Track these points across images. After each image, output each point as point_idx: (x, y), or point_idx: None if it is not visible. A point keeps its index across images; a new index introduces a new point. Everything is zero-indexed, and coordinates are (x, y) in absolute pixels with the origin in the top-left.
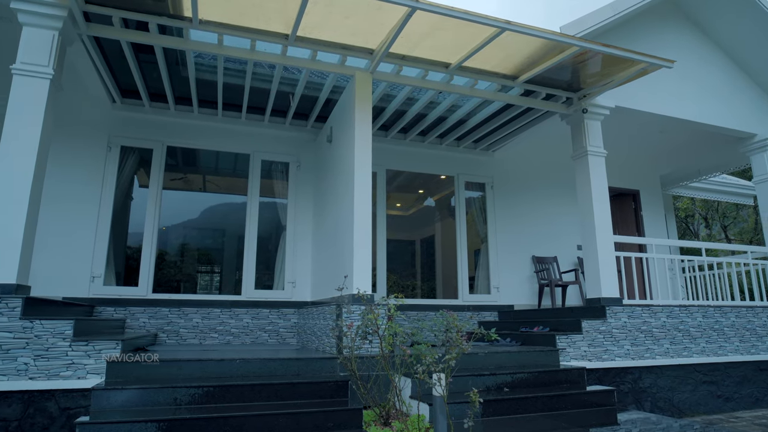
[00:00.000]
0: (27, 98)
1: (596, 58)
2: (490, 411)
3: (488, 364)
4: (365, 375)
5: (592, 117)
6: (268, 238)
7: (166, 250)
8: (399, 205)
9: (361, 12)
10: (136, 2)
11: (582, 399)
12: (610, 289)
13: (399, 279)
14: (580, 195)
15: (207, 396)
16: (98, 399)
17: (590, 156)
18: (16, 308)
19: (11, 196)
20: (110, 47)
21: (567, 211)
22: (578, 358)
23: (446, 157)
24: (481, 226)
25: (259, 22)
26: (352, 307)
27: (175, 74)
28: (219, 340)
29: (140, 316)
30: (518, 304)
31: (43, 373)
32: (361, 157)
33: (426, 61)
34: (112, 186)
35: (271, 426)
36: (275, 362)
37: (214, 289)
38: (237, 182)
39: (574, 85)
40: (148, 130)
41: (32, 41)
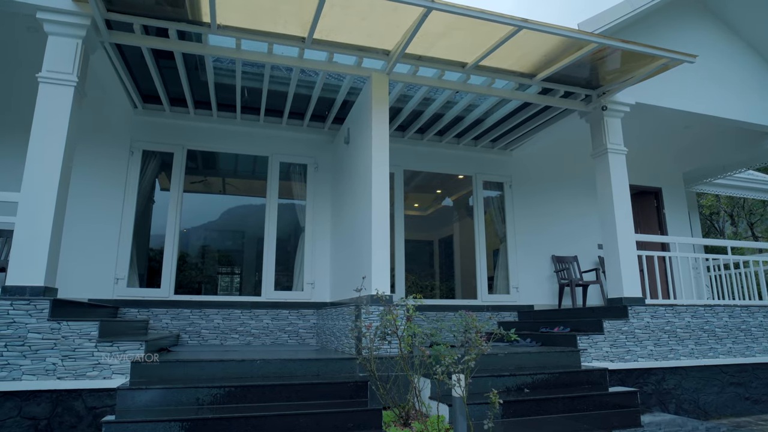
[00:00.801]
0: (52, 105)
1: (615, 54)
2: (510, 412)
3: (508, 365)
4: (384, 376)
5: (611, 114)
6: (287, 240)
7: (187, 252)
8: (417, 205)
9: (377, 13)
10: (156, 9)
11: (604, 400)
12: (632, 288)
13: (417, 279)
14: (601, 193)
15: (228, 396)
16: (123, 398)
17: (610, 154)
18: (44, 310)
19: (38, 201)
20: (131, 54)
21: (587, 210)
22: (600, 359)
23: (464, 156)
24: (500, 225)
25: (276, 25)
26: (370, 308)
27: (195, 79)
28: (240, 341)
29: (163, 317)
30: (538, 304)
31: (71, 373)
32: (379, 158)
33: (442, 61)
34: (134, 190)
35: (291, 426)
36: (295, 363)
37: (234, 291)
38: (256, 184)
39: (592, 82)
40: (169, 134)
41: (57, 50)
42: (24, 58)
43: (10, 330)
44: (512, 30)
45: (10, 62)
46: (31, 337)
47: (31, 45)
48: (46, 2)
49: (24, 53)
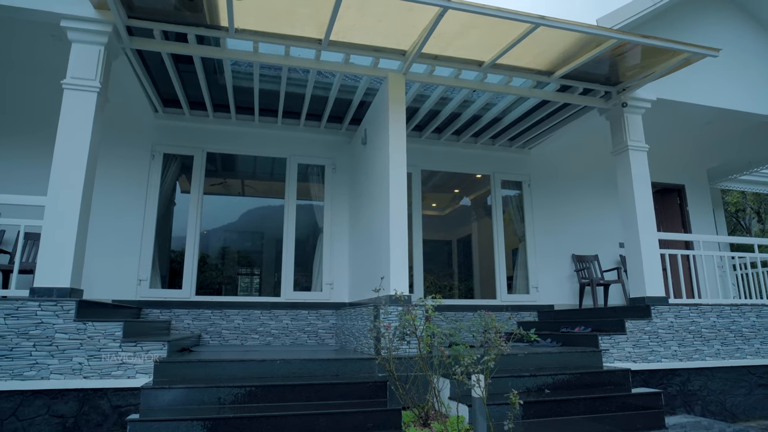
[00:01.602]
0: (77, 111)
1: (635, 50)
2: (530, 413)
3: (528, 365)
4: (403, 376)
5: (632, 111)
6: (306, 240)
7: (208, 253)
8: (435, 205)
9: (392, 14)
10: (175, 15)
11: (627, 401)
12: (654, 287)
13: (436, 279)
14: (622, 191)
15: (249, 396)
16: (147, 398)
17: (631, 151)
18: (71, 311)
19: (64, 204)
20: (152, 59)
21: (608, 208)
22: (622, 360)
23: (481, 155)
24: (519, 224)
25: (293, 28)
26: (389, 308)
27: (213, 82)
28: (260, 341)
29: (184, 318)
30: (558, 304)
31: (96, 373)
32: (396, 158)
33: (459, 60)
34: (155, 192)
35: (311, 426)
36: (314, 363)
37: (254, 291)
38: (274, 186)
39: (612, 78)
40: (189, 137)
41: (80, 57)
42: (47, 66)
43: (39, 330)
44: (529, 27)
45: (33, 69)
46: (59, 338)
47: (54, 53)
48: (70, 10)
49: (46, 61)
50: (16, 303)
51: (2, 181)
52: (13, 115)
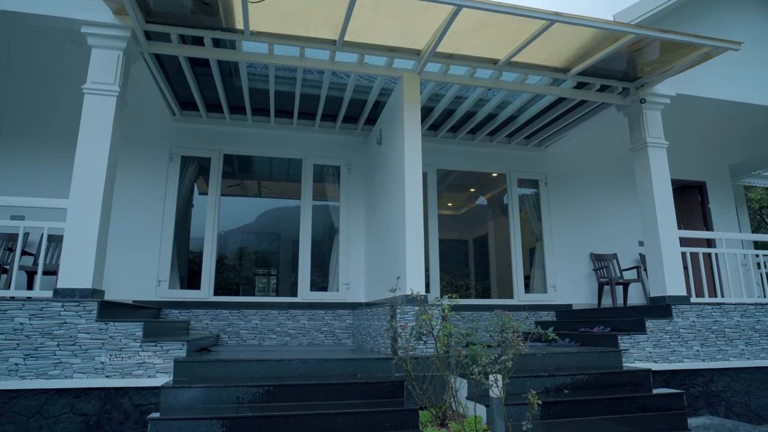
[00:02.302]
0: (97, 115)
1: (653, 45)
2: (549, 413)
3: (546, 365)
4: (420, 376)
5: (651, 107)
6: (322, 241)
7: (225, 254)
8: (450, 204)
9: (406, 13)
10: (191, 19)
11: (648, 402)
12: (675, 286)
13: (452, 279)
14: (640, 189)
15: (267, 395)
16: (167, 397)
17: (650, 148)
18: (93, 311)
19: (85, 207)
20: (169, 63)
21: (626, 207)
22: (643, 360)
23: (497, 154)
24: (536, 223)
25: (307, 29)
26: (405, 308)
27: (229, 85)
28: (277, 341)
29: (203, 318)
30: (577, 303)
31: (118, 372)
32: (411, 158)
33: (473, 58)
34: (174, 194)
35: (329, 425)
36: (332, 363)
37: (271, 292)
38: (290, 187)
39: (630, 74)
40: (206, 139)
41: (100, 62)
42: (66, 71)
43: (62, 330)
44: (545, 24)
45: (55, 75)
46: (81, 337)
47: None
48: (90, 17)
49: (66, 66)
50: (40, 304)
51: (27, 185)
52: (36, 120)
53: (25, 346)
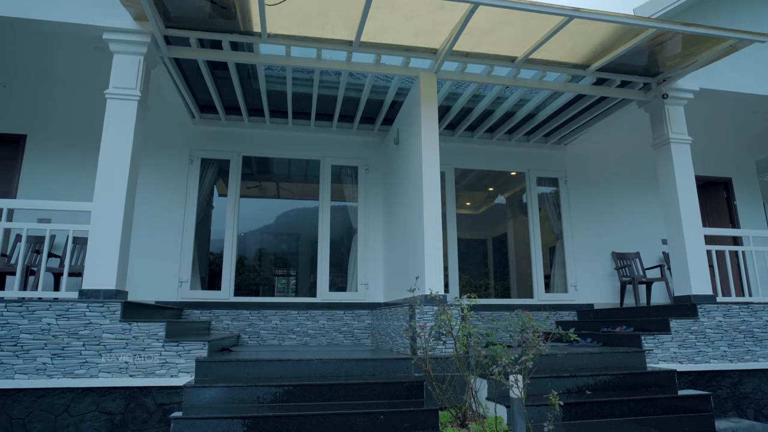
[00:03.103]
0: (119, 119)
1: (675, 38)
2: (571, 414)
3: (568, 366)
4: (440, 376)
5: (673, 102)
6: (340, 241)
7: (245, 255)
8: (469, 203)
9: (423, 12)
10: (210, 23)
11: (673, 404)
12: (701, 285)
13: (471, 279)
14: (663, 186)
15: (287, 395)
16: (189, 396)
17: (673, 144)
18: (116, 311)
19: (108, 209)
20: (188, 66)
21: (649, 204)
22: (667, 360)
23: (516, 152)
24: (555, 222)
25: (324, 31)
26: (424, 308)
27: (248, 87)
28: (297, 341)
29: (224, 318)
30: (598, 303)
31: (141, 371)
32: (429, 158)
33: (491, 56)
34: (194, 196)
35: (349, 425)
36: (351, 363)
37: (290, 292)
38: (309, 188)
39: (651, 69)
40: (225, 142)
41: (122, 67)
42: (89, 77)
43: (87, 330)
44: (563, 20)
45: (76, 81)
46: (106, 337)
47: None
48: (112, 23)
49: (89, 72)
50: (66, 304)
51: (53, 189)
52: (61, 125)
53: (53, 345)
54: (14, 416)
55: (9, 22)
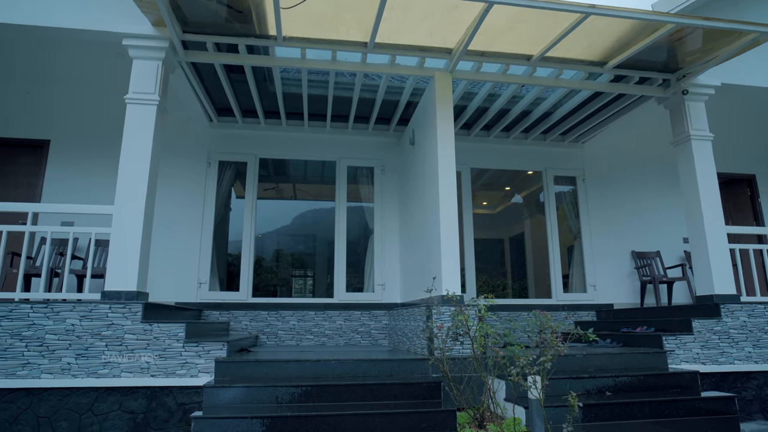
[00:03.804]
0: (138, 123)
1: (695, 33)
2: (591, 416)
3: (587, 367)
4: (457, 376)
5: (693, 98)
6: (357, 242)
7: (263, 256)
8: (485, 203)
9: (437, 12)
10: (226, 27)
11: (696, 405)
12: (724, 285)
13: (488, 279)
14: (684, 184)
15: (305, 395)
16: (209, 396)
17: (693, 141)
18: (138, 313)
19: (129, 212)
20: (205, 70)
21: (670, 202)
22: (689, 361)
23: (532, 151)
24: (573, 221)
25: (338, 33)
26: (441, 308)
27: (264, 90)
28: (314, 342)
29: (242, 319)
30: (618, 302)
31: (162, 371)
32: (445, 157)
33: (506, 55)
34: (212, 198)
35: (366, 425)
36: (368, 363)
37: (307, 293)
38: (325, 189)
39: (671, 65)
40: (242, 144)
41: (141, 72)
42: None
43: (110, 331)
44: (579, 17)
45: (96, 87)
46: (128, 338)
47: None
48: (131, 29)
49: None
50: (89, 305)
51: (75, 193)
52: (83, 130)
53: (77, 346)
54: (41, 414)
55: (33, 30)
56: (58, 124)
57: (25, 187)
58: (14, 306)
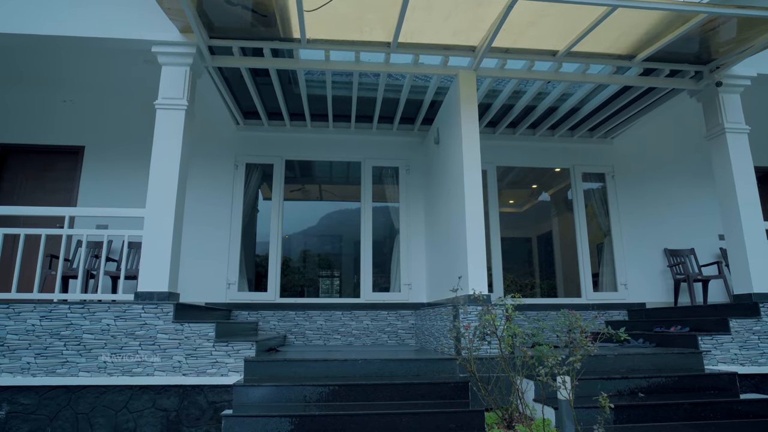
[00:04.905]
0: (168, 128)
1: (729, 23)
2: (623, 417)
3: (619, 367)
4: (485, 376)
5: (728, 90)
6: (383, 242)
7: (290, 257)
8: (512, 201)
9: (460, 10)
10: (251, 31)
11: (734, 408)
12: (763, 282)
13: (516, 278)
14: (719, 179)
15: (333, 394)
16: (239, 394)
17: (729, 134)
18: (169, 313)
19: (160, 215)
20: (231, 74)
21: (704, 198)
22: (727, 362)
23: (560, 148)
24: (603, 219)
25: (362, 33)
26: (468, 308)
27: (289, 92)
28: (341, 341)
29: (270, 319)
30: (650, 301)
31: (193, 370)
32: (470, 156)
33: (531, 51)
34: (240, 201)
35: (394, 425)
36: (395, 363)
37: (334, 293)
38: (350, 189)
39: (703, 56)
40: (268, 146)
41: (170, 78)
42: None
43: (143, 331)
44: (606, 10)
45: (126, 94)
46: (160, 337)
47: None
48: (159, 36)
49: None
50: (123, 306)
51: (109, 196)
52: (115, 136)
53: (112, 345)
54: (79, 411)
55: (72, 41)
56: (92, 131)
57: (62, 191)
58: (53, 306)
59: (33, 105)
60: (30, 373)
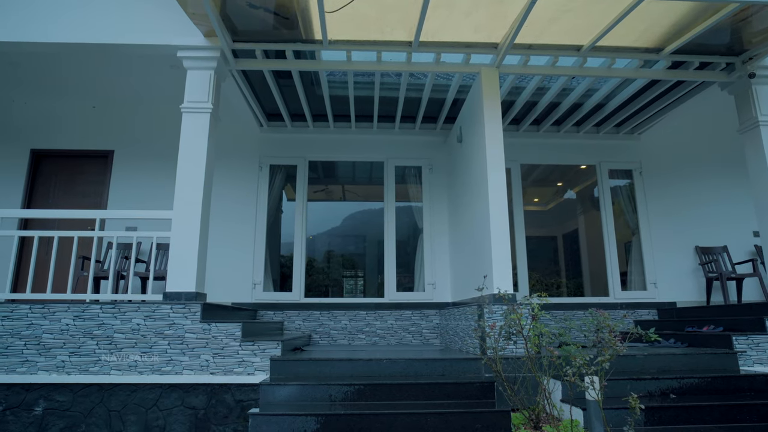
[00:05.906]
0: (193, 131)
1: (763, 12)
2: (654, 419)
3: (649, 367)
4: (511, 376)
5: (761, 81)
6: (406, 242)
7: (314, 257)
8: (537, 199)
9: (481, 7)
10: (273, 34)
11: None
12: None
13: (542, 277)
14: (753, 173)
15: (358, 393)
16: (265, 393)
17: (763, 127)
18: (197, 313)
19: (187, 216)
20: (255, 77)
21: (736, 193)
22: (763, 363)
23: (585, 145)
24: (631, 216)
25: (383, 33)
26: (493, 307)
27: (311, 94)
28: (366, 341)
29: (295, 319)
30: (681, 300)
31: (221, 369)
32: (493, 154)
33: (555, 46)
34: (264, 202)
35: (419, 424)
36: (420, 362)
37: (358, 293)
38: (373, 189)
39: (735, 47)
40: (292, 148)
41: (195, 82)
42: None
43: (171, 330)
44: (632, 2)
45: (152, 98)
46: (188, 337)
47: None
48: (184, 41)
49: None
50: (152, 306)
51: (138, 199)
52: (142, 140)
53: (142, 344)
54: (111, 408)
55: (98, 48)
56: (120, 135)
57: (93, 195)
58: (86, 307)
59: (63, 111)
60: (65, 371)
